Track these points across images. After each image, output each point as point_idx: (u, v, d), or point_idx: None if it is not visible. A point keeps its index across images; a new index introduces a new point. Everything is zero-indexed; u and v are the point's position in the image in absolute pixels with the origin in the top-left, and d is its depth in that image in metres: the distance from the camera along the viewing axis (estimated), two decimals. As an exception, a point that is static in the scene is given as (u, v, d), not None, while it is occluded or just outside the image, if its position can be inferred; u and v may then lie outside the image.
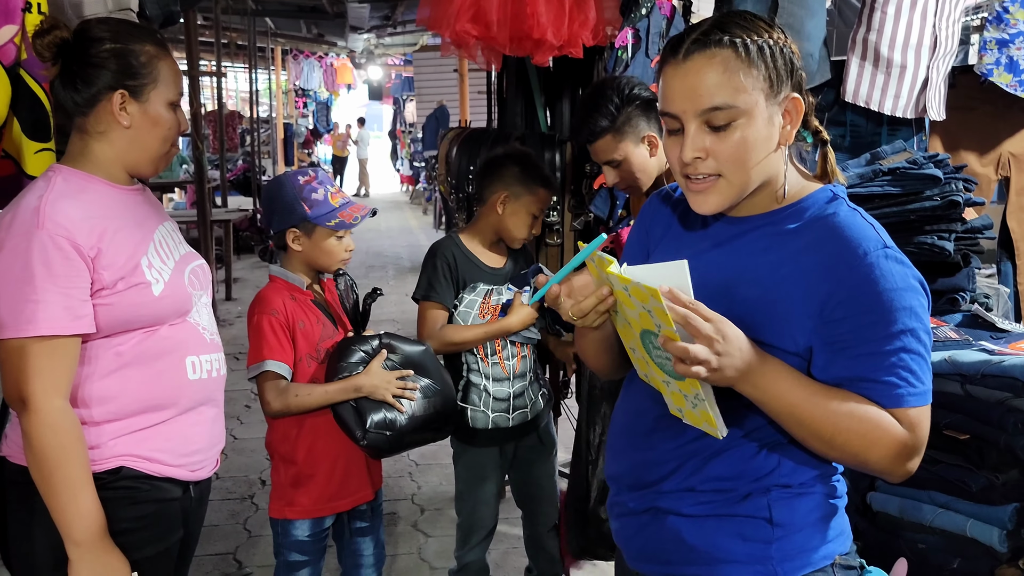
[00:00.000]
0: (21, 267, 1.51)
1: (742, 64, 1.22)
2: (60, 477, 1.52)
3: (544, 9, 2.89)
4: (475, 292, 2.52)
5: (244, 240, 10.60)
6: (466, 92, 9.65)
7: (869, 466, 1.24)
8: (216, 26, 9.47)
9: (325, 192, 2.22)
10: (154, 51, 1.66)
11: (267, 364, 2.15)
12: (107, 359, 1.63)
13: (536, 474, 2.73)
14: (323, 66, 17.98)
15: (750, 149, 1.24)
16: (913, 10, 2.95)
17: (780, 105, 1.26)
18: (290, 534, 2.29)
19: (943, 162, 2.05)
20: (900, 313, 1.20)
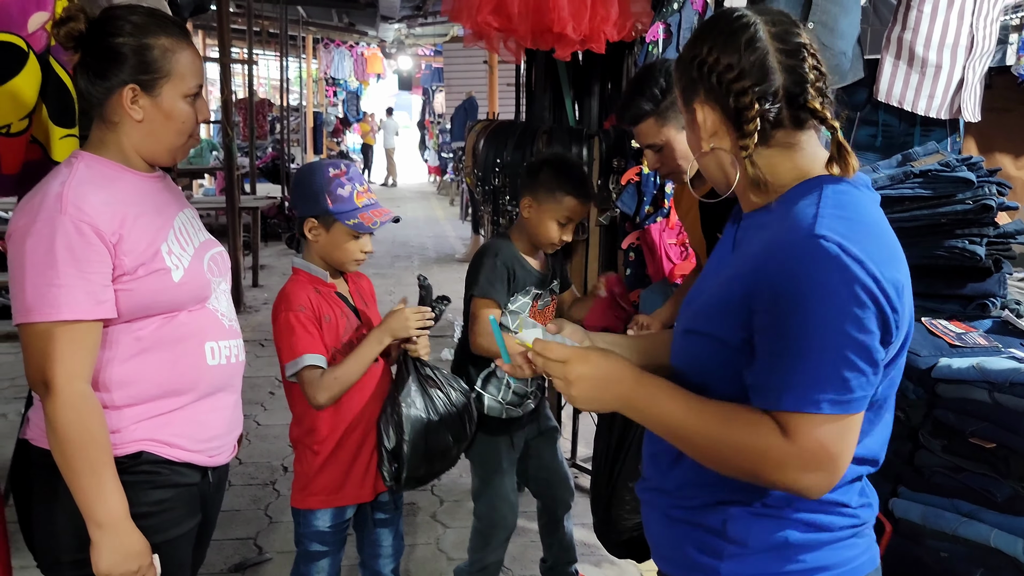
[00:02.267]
0: (44, 252, 1.52)
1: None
2: (82, 460, 1.54)
3: (566, 3, 2.87)
4: (528, 295, 2.54)
5: (271, 227, 10.67)
6: (495, 84, 9.63)
7: (757, 478, 1.19)
8: (248, 14, 9.52)
9: (352, 189, 2.21)
10: (170, 44, 1.65)
11: (305, 359, 2.15)
12: (127, 344, 1.65)
13: (546, 459, 2.77)
14: (353, 55, 18.05)
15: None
16: (950, 9, 2.90)
17: (680, 123, 1.41)
18: (311, 524, 2.30)
19: (976, 165, 2.01)
20: (805, 312, 1.11)
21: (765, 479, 1.18)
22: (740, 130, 1.27)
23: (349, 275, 2.38)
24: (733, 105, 1.26)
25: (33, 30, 1.86)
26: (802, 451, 1.14)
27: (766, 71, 1.24)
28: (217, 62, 7.30)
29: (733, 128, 1.29)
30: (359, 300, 2.36)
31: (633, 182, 3.40)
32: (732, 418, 1.19)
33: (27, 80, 1.87)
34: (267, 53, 15.38)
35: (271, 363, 5.57)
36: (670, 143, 2.25)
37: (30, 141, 1.94)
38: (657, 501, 1.41)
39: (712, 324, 1.27)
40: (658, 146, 2.26)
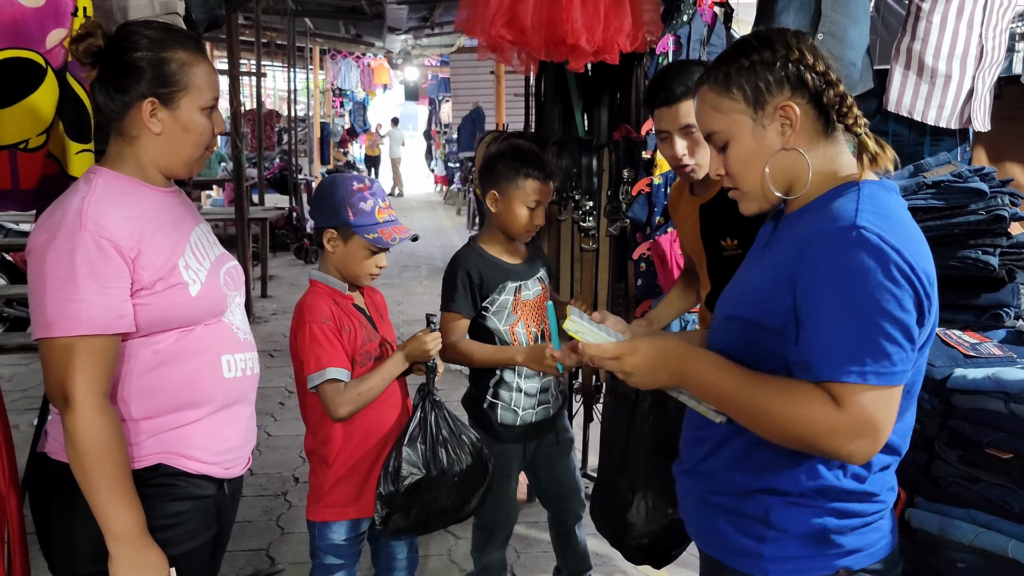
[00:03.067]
0: (64, 267, 1.54)
1: (717, 96, 1.42)
2: (100, 473, 1.55)
3: (579, 15, 2.89)
4: (505, 292, 2.55)
5: (280, 238, 10.71)
6: (502, 94, 9.67)
7: (808, 445, 1.29)
8: (256, 26, 9.57)
9: (375, 204, 2.23)
10: (187, 57, 1.67)
11: (329, 372, 2.16)
12: (145, 357, 1.66)
13: (559, 471, 2.75)
14: (360, 66, 18.11)
15: (747, 162, 1.42)
16: (959, 19, 2.91)
17: (770, 115, 1.38)
18: (327, 537, 2.30)
19: (989, 175, 2.01)
20: (845, 292, 1.23)
21: (816, 446, 1.28)
22: (828, 124, 1.38)
23: (364, 288, 2.39)
24: (827, 100, 1.36)
25: (51, 47, 1.88)
26: (851, 419, 1.24)
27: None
28: (226, 74, 7.34)
29: (818, 123, 1.38)
30: (374, 312, 2.38)
31: (644, 193, 3.41)
32: (786, 388, 1.29)
33: (45, 96, 1.89)
34: (275, 64, 15.46)
35: (281, 374, 5.59)
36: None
37: (47, 156, 1.96)
38: (694, 485, 1.52)
39: (754, 311, 1.38)
40: (695, 127, 2.23)
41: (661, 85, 2.27)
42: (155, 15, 2.38)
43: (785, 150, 1.38)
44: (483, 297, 2.54)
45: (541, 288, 2.63)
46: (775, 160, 1.39)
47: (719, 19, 3.17)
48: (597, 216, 3.67)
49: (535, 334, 2.58)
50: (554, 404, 2.65)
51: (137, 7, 2.36)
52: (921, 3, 2.96)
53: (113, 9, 2.34)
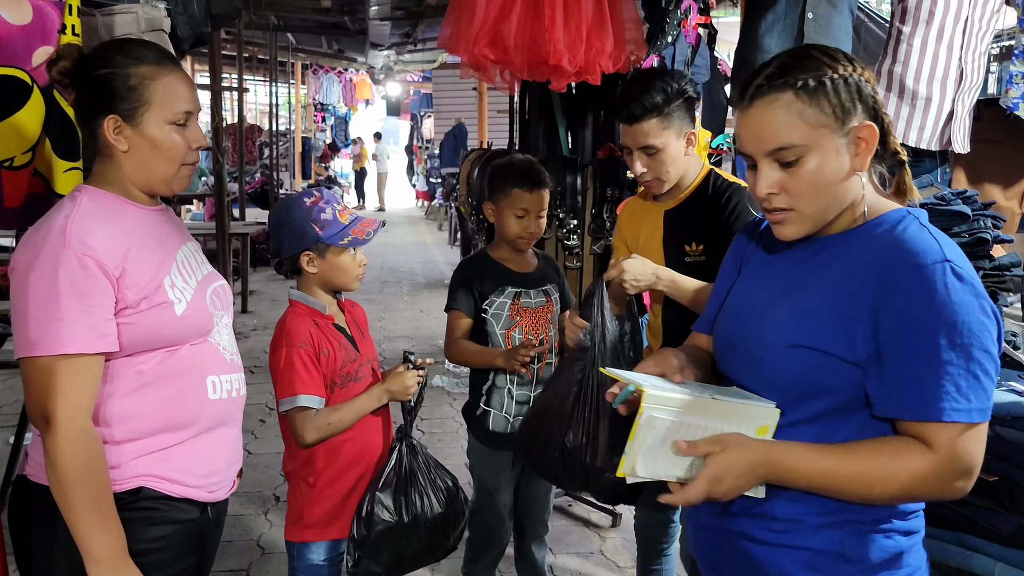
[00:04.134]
0: (47, 286, 1.52)
1: (803, 104, 1.29)
2: (81, 496, 1.52)
3: (562, 35, 2.91)
4: (504, 295, 2.60)
5: (261, 253, 10.64)
6: (484, 111, 9.70)
7: (917, 498, 1.27)
8: (239, 41, 9.57)
9: (333, 211, 2.21)
10: (148, 72, 1.62)
11: (300, 399, 2.14)
12: (129, 378, 1.64)
13: (535, 487, 2.75)
14: (342, 81, 18.11)
15: (819, 182, 1.31)
16: (939, 43, 2.95)
17: (849, 135, 1.30)
18: (306, 558, 2.27)
19: (971, 198, 2.04)
20: (949, 327, 1.20)
21: (922, 495, 1.26)
22: (884, 147, 1.34)
23: (344, 304, 2.37)
24: (885, 125, 1.33)
25: (38, 64, 1.88)
26: (952, 460, 1.22)
27: None
28: (208, 89, 7.32)
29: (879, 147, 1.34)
30: (355, 330, 2.36)
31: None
32: (879, 450, 1.26)
33: (30, 114, 1.88)
34: (257, 79, 15.43)
35: (261, 390, 5.54)
36: (666, 147, 2.26)
37: (33, 175, 1.94)
38: (740, 527, 1.42)
39: (830, 342, 1.30)
40: (655, 148, 2.26)
41: (624, 100, 2.28)
42: (140, 32, 2.37)
43: (856, 175, 1.32)
44: (483, 299, 2.60)
45: (546, 300, 2.66)
46: (844, 185, 1.32)
47: (703, 40, 3.20)
48: (581, 234, 3.69)
49: (532, 342, 2.59)
50: None
51: (122, 24, 2.35)
52: (902, 27, 3.00)
53: (98, 26, 2.33)
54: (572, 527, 3.85)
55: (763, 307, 1.43)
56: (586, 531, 3.81)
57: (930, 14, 2.94)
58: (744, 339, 1.44)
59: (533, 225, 2.57)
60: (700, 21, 3.16)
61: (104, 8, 2.35)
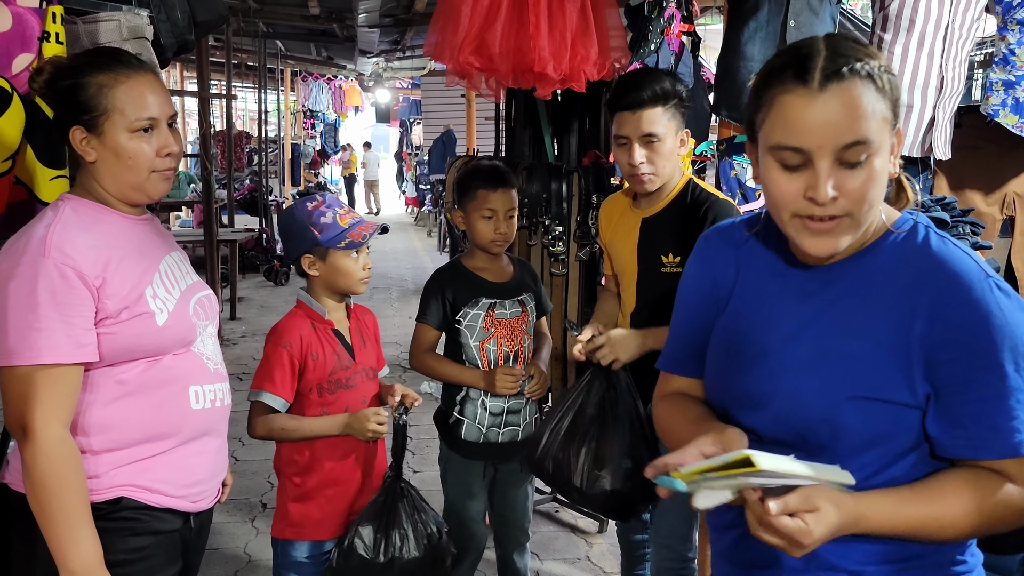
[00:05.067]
0: (26, 295, 1.52)
1: (877, 95, 1.15)
2: (57, 506, 1.52)
3: (546, 43, 2.92)
4: (478, 306, 2.58)
5: (249, 260, 10.62)
6: (473, 118, 9.68)
7: (998, 530, 1.20)
8: (227, 48, 9.55)
9: (334, 215, 2.26)
10: (106, 80, 1.61)
11: (263, 395, 2.22)
12: (109, 387, 1.64)
13: (511, 497, 2.75)
14: (332, 88, 18.09)
15: (877, 186, 1.17)
16: (920, 51, 2.97)
17: (893, 136, 1.20)
18: (289, 555, 2.30)
19: (950, 205, 2.06)
20: (1013, 351, 1.13)
21: (1002, 527, 1.20)
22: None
23: (353, 311, 2.41)
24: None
25: (18, 71, 1.88)
26: None
27: None
28: (196, 96, 7.31)
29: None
30: (357, 337, 2.38)
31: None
32: (959, 492, 1.18)
33: (10, 122, 1.88)
34: (245, 85, 15.40)
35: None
36: (666, 139, 2.28)
37: (14, 183, 1.94)
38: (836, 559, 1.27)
39: (888, 389, 1.20)
40: (656, 137, 2.27)
41: (628, 88, 2.28)
42: (123, 40, 2.37)
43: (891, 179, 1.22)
44: (455, 311, 2.58)
45: (521, 310, 2.65)
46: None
47: (687, 48, 3.21)
48: (567, 241, 3.70)
49: (507, 353, 2.59)
50: (524, 429, 2.64)
51: (105, 32, 2.35)
52: (883, 34, 3.02)
53: (81, 34, 2.33)
54: (559, 533, 3.86)
55: (789, 355, 1.27)
56: (573, 537, 3.82)
57: (911, 22, 2.96)
58: (778, 394, 1.27)
59: (503, 226, 2.56)
60: (684, 29, 3.17)
61: (87, 16, 2.35)
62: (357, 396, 2.32)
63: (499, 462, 2.68)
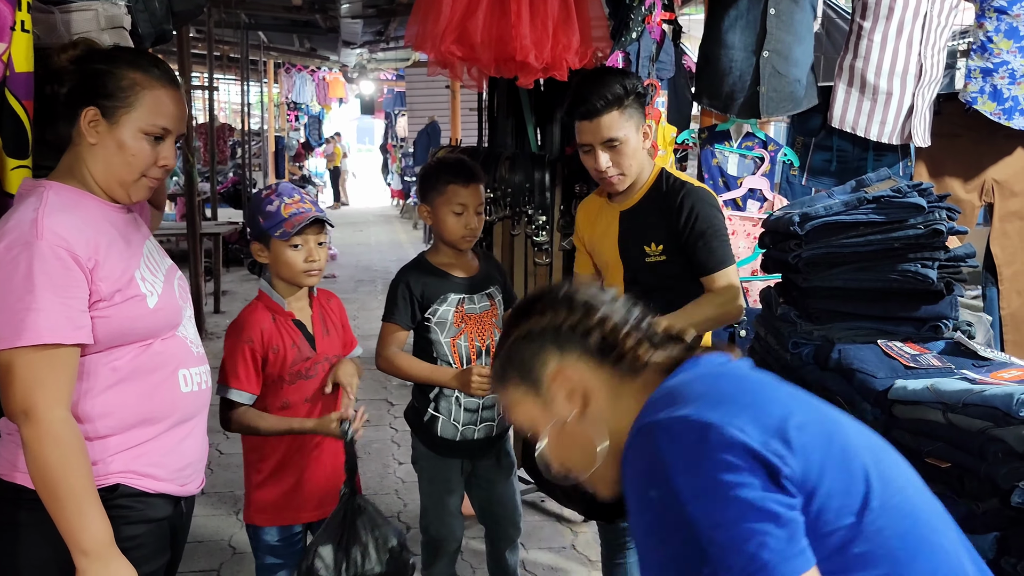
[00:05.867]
0: (22, 277, 1.51)
1: (505, 390, 1.30)
2: (65, 488, 1.52)
3: (528, 32, 2.91)
4: (447, 303, 2.56)
5: (233, 253, 10.57)
6: (457, 109, 9.68)
7: None
8: (209, 39, 9.48)
9: (280, 203, 2.24)
10: (142, 80, 1.66)
11: (230, 392, 2.23)
12: (104, 375, 1.64)
13: (498, 493, 2.74)
14: (315, 80, 18.02)
15: (556, 449, 1.26)
16: (899, 38, 2.99)
17: (548, 386, 1.24)
18: (261, 539, 2.35)
19: (927, 191, 2.06)
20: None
21: None
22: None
23: (316, 298, 2.39)
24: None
25: (-9, 63, 1.85)
26: None
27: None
28: (177, 88, 7.25)
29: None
30: (320, 327, 2.35)
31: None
32: None
33: (-16, 112, 1.85)
34: (228, 77, 15.31)
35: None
36: (628, 140, 2.30)
37: (-12, 173, 1.92)
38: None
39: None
40: (617, 140, 2.29)
41: (582, 97, 2.30)
42: (100, 29, 2.34)
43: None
44: (424, 308, 2.56)
45: (490, 304, 2.64)
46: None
47: (667, 36, 3.22)
48: (550, 230, 3.70)
49: (479, 348, 2.58)
50: (499, 424, 2.63)
51: (81, 21, 2.33)
52: (863, 22, 3.04)
53: (57, 23, 2.30)
54: (544, 522, 3.87)
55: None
56: (558, 526, 3.83)
57: (890, 10, 2.98)
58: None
59: (473, 221, 2.53)
60: (664, 17, 3.18)
61: (63, 5, 2.32)
62: (318, 385, 2.31)
63: (476, 459, 2.68)
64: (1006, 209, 3.31)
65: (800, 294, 2.12)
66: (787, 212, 2.17)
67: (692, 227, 2.33)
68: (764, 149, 3.24)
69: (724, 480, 0.99)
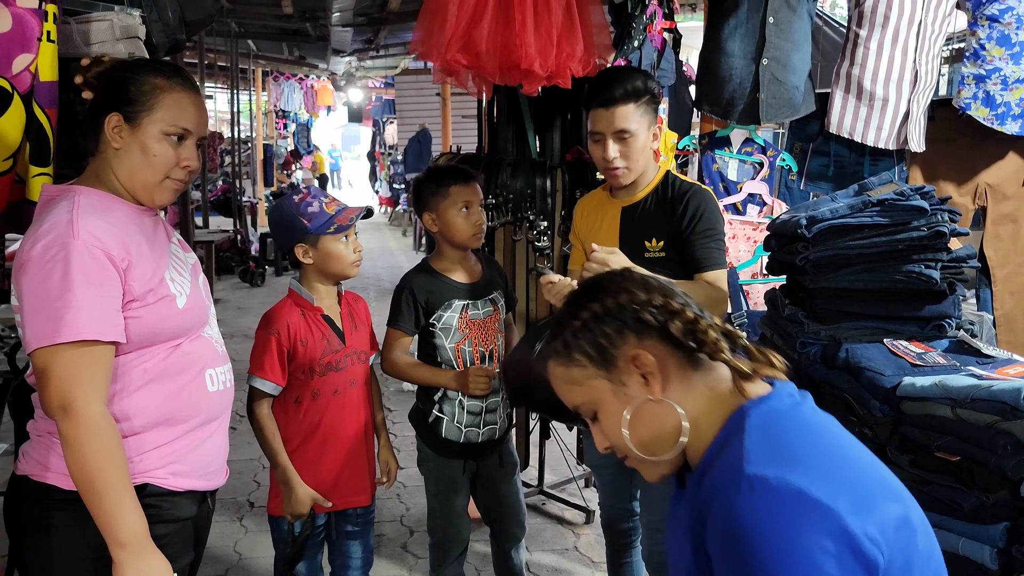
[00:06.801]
0: (60, 276, 1.55)
1: (564, 367, 1.25)
2: (103, 481, 1.55)
3: (533, 40, 2.96)
4: (451, 309, 2.60)
5: (225, 261, 10.57)
6: (448, 116, 9.72)
7: None
8: (200, 48, 9.49)
9: (320, 204, 2.37)
10: (162, 83, 1.71)
11: (255, 380, 2.34)
12: (135, 375, 1.68)
13: (501, 493, 2.77)
14: (303, 88, 17.98)
15: (618, 429, 1.22)
16: (895, 46, 3.06)
17: (624, 369, 1.21)
18: (281, 529, 2.42)
19: (929, 194, 2.13)
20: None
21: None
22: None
23: (345, 298, 2.49)
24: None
25: (18, 72, 1.89)
26: None
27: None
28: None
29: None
30: (348, 322, 2.47)
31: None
32: None
33: (11, 121, 1.89)
34: (217, 86, 15.28)
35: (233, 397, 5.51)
36: (638, 135, 2.36)
37: (15, 181, 1.95)
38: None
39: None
40: (629, 133, 2.34)
41: (601, 86, 2.35)
42: (115, 39, 2.38)
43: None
44: (429, 314, 2.60)
45: (493, 309, 2.68)
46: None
47: (668, 44, 3.27)
48: (551, 236, 3.74)
49: (482, 353, 2.62)
50: (501, 426, 2.68)
51: (97, 31, 2.36)
52: (859, 30, 3.11)
53: (73, 33, 2.33)
54: (547, 524, 3.91)
55: None
56: (560, 528, 3.87)
57: (885, 18, 3.04)
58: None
59: (480, 217, 2.60)
60: (665, 26, 3.23)
61: (79, 16, 2.36)
62: (347, 378, 2.43)
63: (479, 460, 2.71)
64: (999, 212, 3.38)
65: (807, 295, 2.18)
66: (793, 215, 2.22)
67: (695, 224, 2.38)
68: (763, 155, 3.29)
69: (826, 571, 0.98)
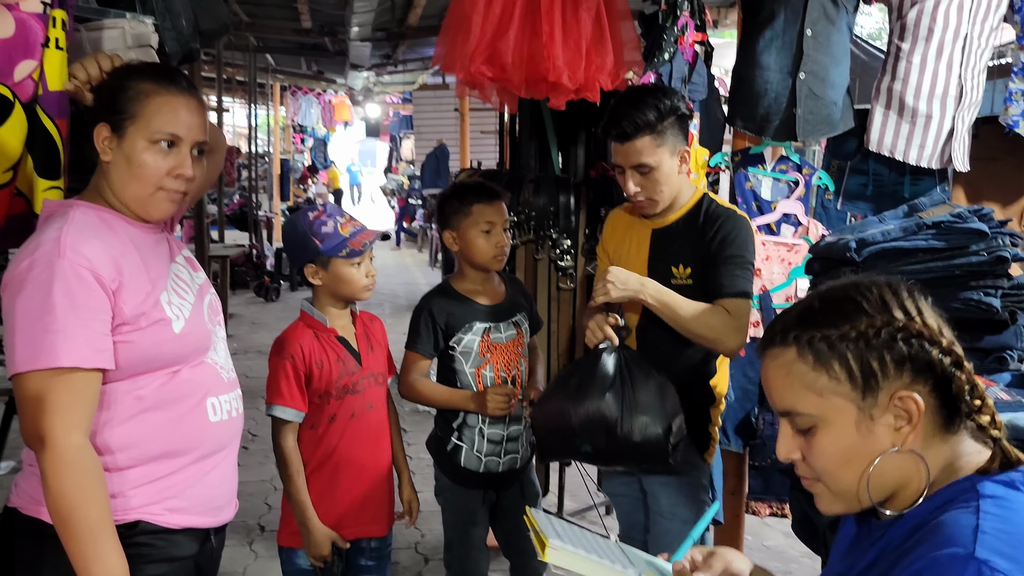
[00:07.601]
0: (42, 298, 1.45)
1: (808, 366, 1.10)
2: (79, 519, 1.44)
3: (561, 52, 2.86)
4: (472, 331, 2.49)
5: (240, 276, 10.53)
6: (467, 131, 9.64)
7: None
8: (218, 62, 9.48)
9: (335, 224, 2.26)
10: (147, 88, 1.61)
11: (275, 409, 2.25)
12: (127, 404, 1.57)
13: (523, 526, 2.65)
14: (321, 103, 18.03)
15: (837, 457, 1.09)
16: (939, 60, 2.92)
17: (883, 404, 1.07)
18: (292, 561, 2.33)
19: (987, 216, 2.00)
20: None
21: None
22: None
23: (360, 318, 2.39)
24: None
25: (20, 79, 1.78)
26: None
27: None
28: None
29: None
30: (364, 343, 2.37)
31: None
32: None
33: (11, 131, 1.79)
34: (235, 100, 15.33)
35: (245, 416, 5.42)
36: (660, 166, 2.23)
37: (14, 194, 1.84)
38: None
39: None
40: (648, 167, 2.22)
41: (615, 119, 2.24)
42: (127, 47, 2.29)
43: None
44: (448, 336, 2.49)
45: (516, 333, 2.57)
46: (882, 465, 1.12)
47: (700, 57, 3.16)
48: (575, 255, 3.62)
49: (504, 378, 2.51)
50: (522, 456, 2.58)
51: (109, 40, 2.27)
52: (901, 44, 2.97)
53: (83, 41, 2.24)
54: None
55: None
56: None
57: (929, 31, 2.91)
58: None
59: (502, 239, 2.49)
60: (697, 38, 3.12)
61: (90, 24, 2.27)
62: (364, 401, 2.33)
63: (495, 489, 2.61)
64: (1046, 235, 3.23)
65: (856, 323, 2.04)
66: (840, 237, 2.10)
67: (724, 248, 2.24)
68: (799, 172, 3.16)
69: None
